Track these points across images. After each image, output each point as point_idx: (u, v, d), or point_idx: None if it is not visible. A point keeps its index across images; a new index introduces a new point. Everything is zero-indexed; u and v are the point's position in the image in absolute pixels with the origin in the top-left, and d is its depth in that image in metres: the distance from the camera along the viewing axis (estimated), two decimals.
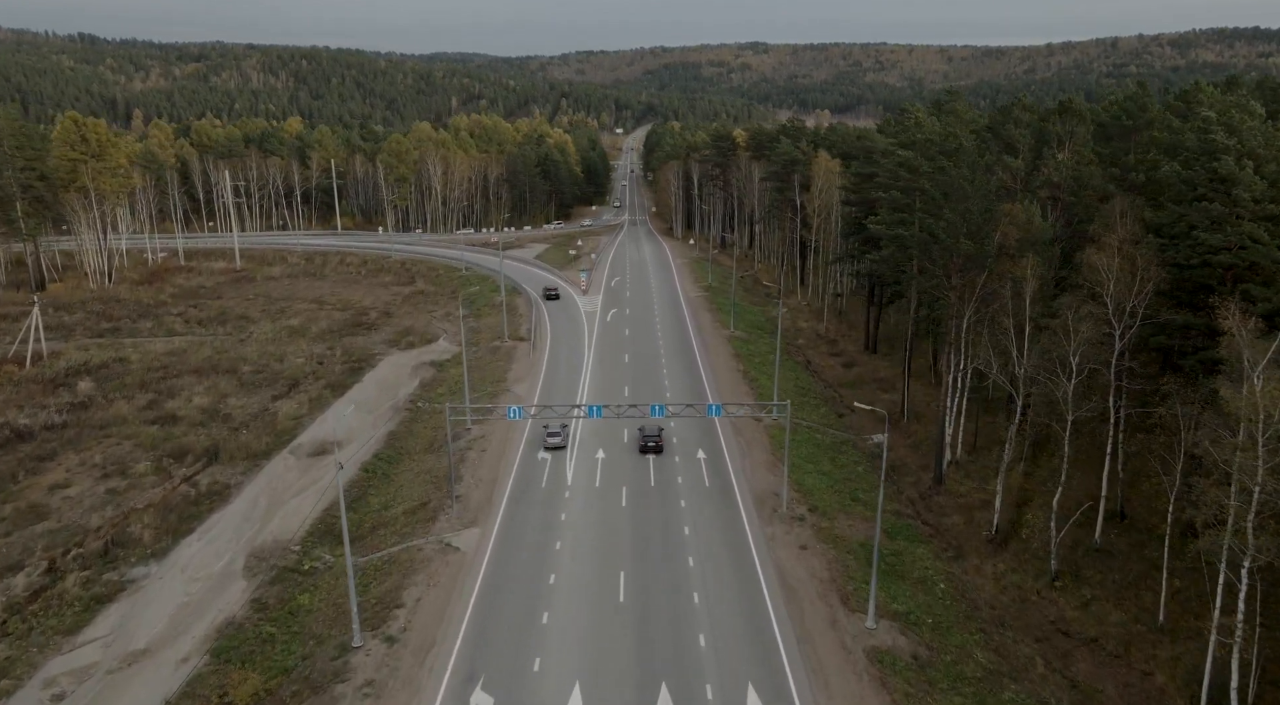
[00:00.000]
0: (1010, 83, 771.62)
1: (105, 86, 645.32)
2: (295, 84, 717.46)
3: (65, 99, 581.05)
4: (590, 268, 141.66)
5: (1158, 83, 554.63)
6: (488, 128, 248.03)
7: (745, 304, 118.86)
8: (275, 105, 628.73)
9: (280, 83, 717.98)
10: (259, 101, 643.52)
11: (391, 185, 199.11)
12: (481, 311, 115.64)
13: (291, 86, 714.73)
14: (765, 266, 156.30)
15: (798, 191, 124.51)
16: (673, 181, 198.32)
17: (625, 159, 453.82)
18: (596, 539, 49.61)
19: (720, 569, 46.29)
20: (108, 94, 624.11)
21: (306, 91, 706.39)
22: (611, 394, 76.48)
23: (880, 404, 79.80)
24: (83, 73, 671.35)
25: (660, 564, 46.72)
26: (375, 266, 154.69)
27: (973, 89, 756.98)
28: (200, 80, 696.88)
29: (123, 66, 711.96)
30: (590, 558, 47.48)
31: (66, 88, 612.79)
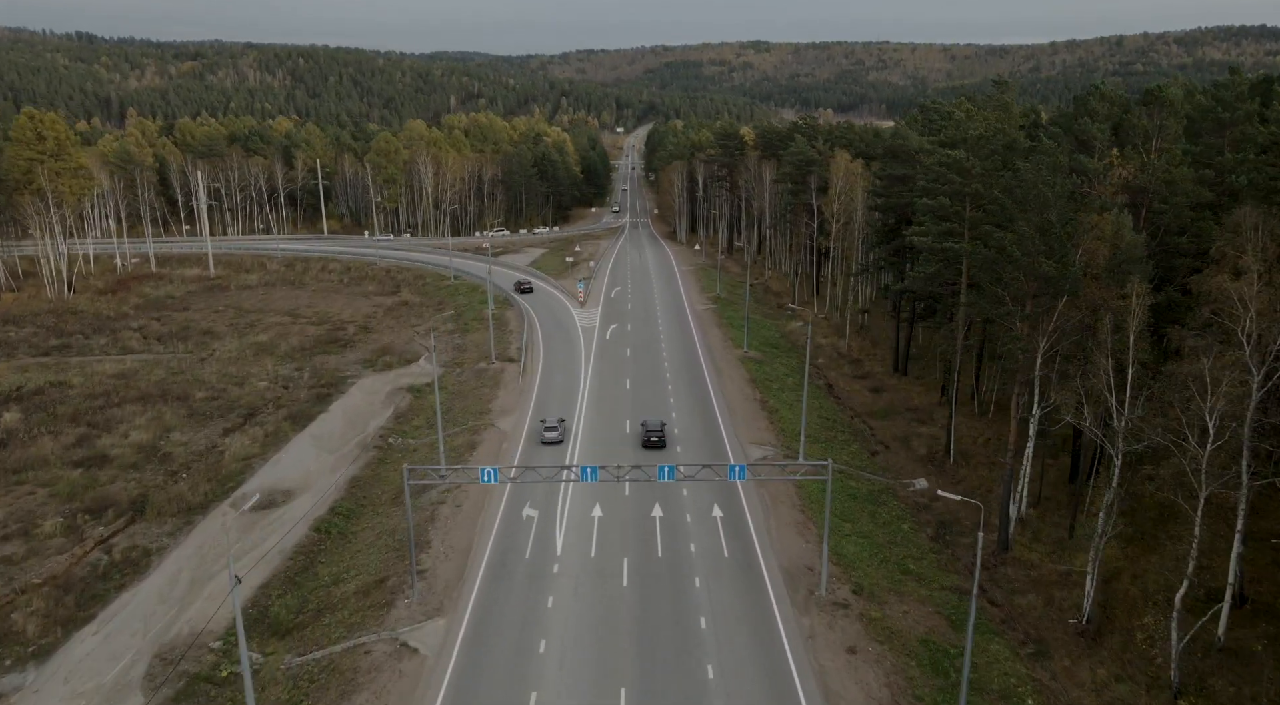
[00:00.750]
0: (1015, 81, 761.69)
1: (99, 85, 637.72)
2: (292, 82, 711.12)
3: (58, 97, 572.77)
4: (589, 277, 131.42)
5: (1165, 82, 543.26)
6: (483, 126, 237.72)
7: (757, 317, 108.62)
8: (271, 104, 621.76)
9: (277, 81, 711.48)
10: (255, 100, 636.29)
11: (380, 186, 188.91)
12: (469, 326, 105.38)
13: (288, 85, 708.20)
14: (776, 274, 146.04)
15: (814, 194, 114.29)
16: (676, 182, 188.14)
17: (626, 159, 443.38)
18: (592, 639, 39.37)
19: (747, 685, 36.08)
20: (101, 92, 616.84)
21: (303, 90, 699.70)
22: (611, 430, 66.30)
23: (919, 440, 69.75)
24: (77, 71, 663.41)
25: (671, 677, 36.53)
26: (358, 274, 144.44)
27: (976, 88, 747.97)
28: (196, 79, 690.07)
29: (118, 65, 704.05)
30: (583, 668, 37.27)
31: (60, 86, 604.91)
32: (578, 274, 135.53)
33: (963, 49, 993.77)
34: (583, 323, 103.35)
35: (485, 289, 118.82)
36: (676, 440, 63.99)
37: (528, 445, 63.55)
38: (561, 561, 46.52)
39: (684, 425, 67.20)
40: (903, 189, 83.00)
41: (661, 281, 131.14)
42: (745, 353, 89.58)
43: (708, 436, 65.03)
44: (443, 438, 60.52)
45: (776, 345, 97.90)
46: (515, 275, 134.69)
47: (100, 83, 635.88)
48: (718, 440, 64.28)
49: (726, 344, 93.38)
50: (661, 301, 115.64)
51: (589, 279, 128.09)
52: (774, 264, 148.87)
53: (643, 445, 62.55)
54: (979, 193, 58.22)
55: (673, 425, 66.97)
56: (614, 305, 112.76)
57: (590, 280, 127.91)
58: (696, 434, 65.52)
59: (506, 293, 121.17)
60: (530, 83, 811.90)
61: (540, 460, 60.05)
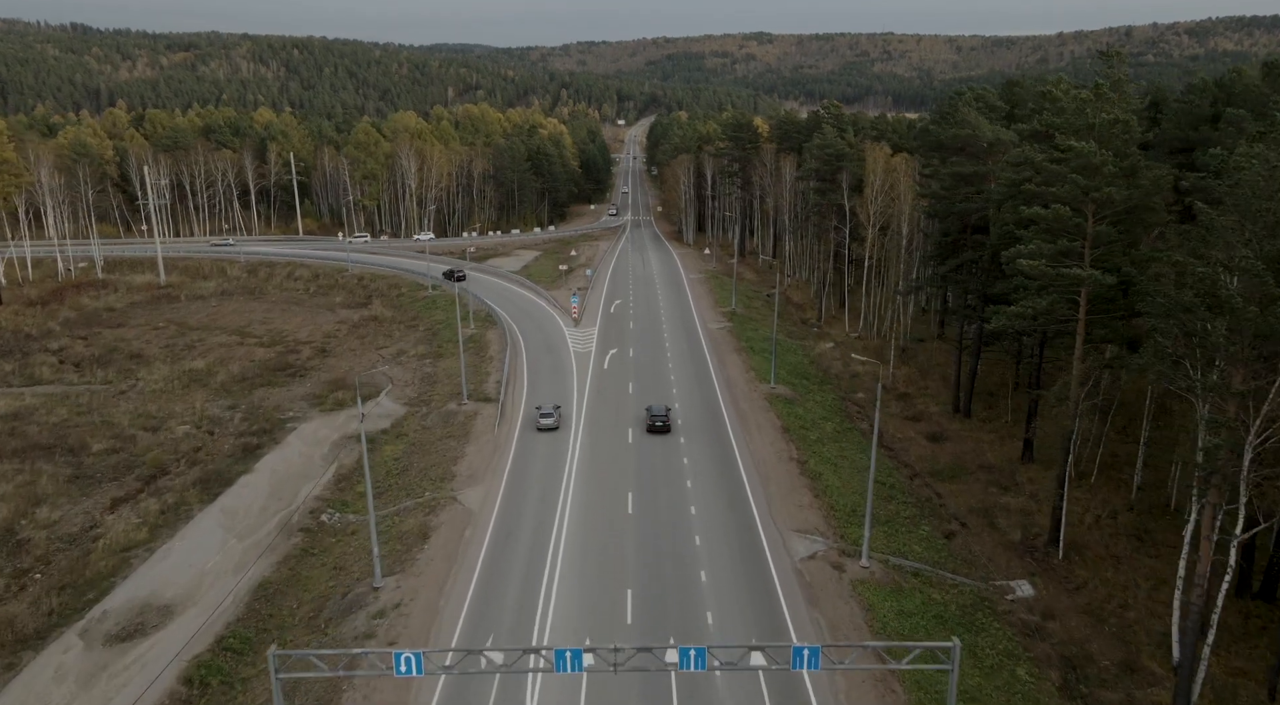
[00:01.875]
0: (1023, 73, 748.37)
1: (89, 76, 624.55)
2: (286, 74, 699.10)
3: (46, 89, 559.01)
4: (585, 287, 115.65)
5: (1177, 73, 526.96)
6: (474, 117, 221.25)
7: (780, 337, 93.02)
8: (265, 96, 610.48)
9: (271, 72, 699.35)
10: (247, 92, 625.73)
11: (358, 183, 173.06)
12: (445, 349, 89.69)
13: (282, 76, 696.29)
14: (796, 282, 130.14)
15: (845, 194, 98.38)
16: (682, 178, 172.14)
17: (628, 152, 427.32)
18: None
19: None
20: (91, 84, 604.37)
21: (298, 82, 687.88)
22: (606, 510, 50.66)
23: (1007, 516, 54.07)
24: (66, 62, 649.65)
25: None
26: (328, 282, 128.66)
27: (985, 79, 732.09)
28: (188, 70, 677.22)
29: (109, 55, 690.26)
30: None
31: (48, 77, 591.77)
32: (573, 283, 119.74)
33: (968, 40, 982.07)
34: (577, 346, 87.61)
35: (467, 302, 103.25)
36: (694, 526, 48.33)
37: (497, 540, 47.77)
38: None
39: (704, 505, 51.43)
40: (969, 191, 67.18)
41: (668, 293, 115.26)
42: (772, 389, 73.82)
43: (735, 524, 49.27)
44: (377, 537, 44.63)
45: (806, 375, 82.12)
46: (510, 291, 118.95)
47: (90, 74, 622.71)
48: (748, 530, 48.53)
49: (749, 377, 77.57)
50: (669, 318, 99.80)
51: (585, 290, 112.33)
52: (794, 271, 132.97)
53: (647, 430, 63.01)
54: (1109, 199, 42.42)
55: (686, 499, 51.37)
56: (614, 323, 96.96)
57: (587, 292, 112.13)
58: (719, 518, 49.79)
59: (490, 308, 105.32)
60: (530, 74, 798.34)
61: (528, 498, 44.38)
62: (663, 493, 52.84)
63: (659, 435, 62.51)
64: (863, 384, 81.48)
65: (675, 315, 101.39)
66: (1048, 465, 60.12)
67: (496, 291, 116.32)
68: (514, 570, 44.28)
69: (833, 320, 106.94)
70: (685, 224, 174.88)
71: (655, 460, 58.01)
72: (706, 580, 42.73)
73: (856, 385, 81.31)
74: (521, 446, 61.22)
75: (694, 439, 61.95)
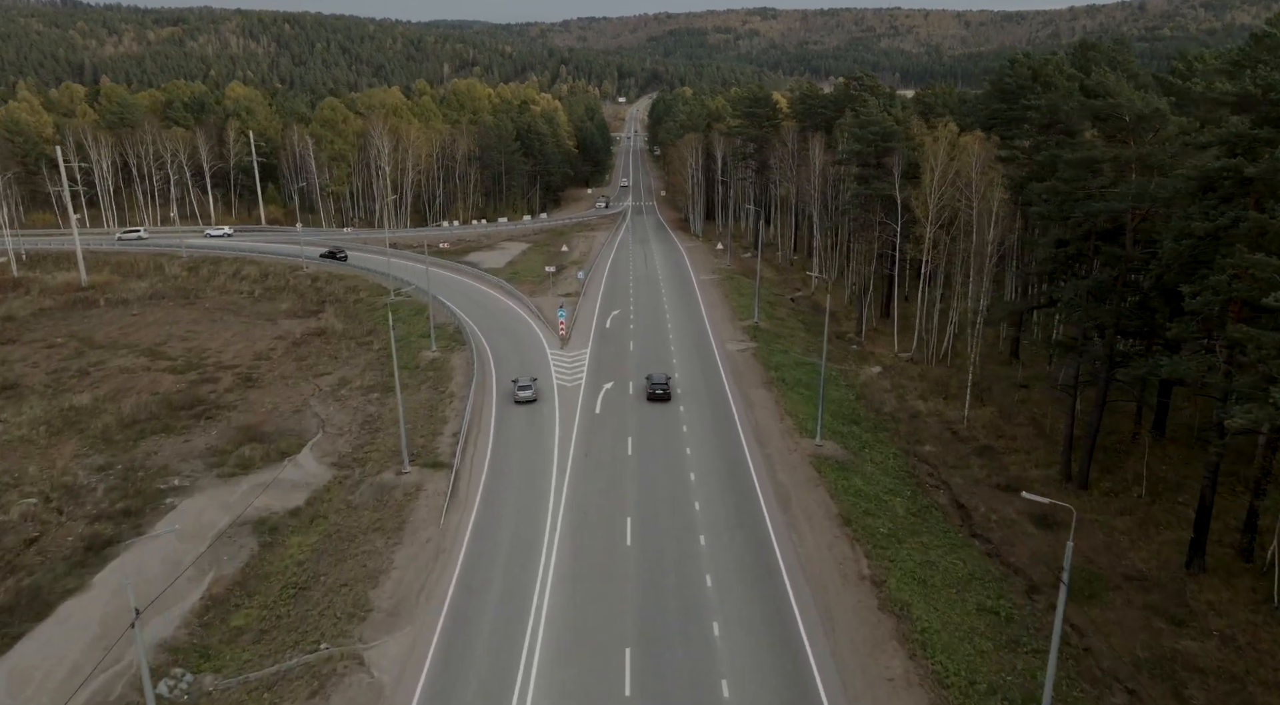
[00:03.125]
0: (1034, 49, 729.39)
1: (73, 51, 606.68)
2: (277, 49, 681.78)
3: (28, 64, 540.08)
4: (577, 292, 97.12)
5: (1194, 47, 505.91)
6: (460, 93, 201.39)
7: (814, 360, 74.87)
8: (254, 72, 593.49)
9: (261, 48, 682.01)
10: (236, 67, 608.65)
11: (325, 166, 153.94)
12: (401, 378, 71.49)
13: (273, 52, 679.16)
14: (826, 284, 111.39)
15: (897, 183, 79.57)
16: (689, 160, 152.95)
17: (629, 130, 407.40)
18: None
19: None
20: (75, 59, 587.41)
21: (289, 57, 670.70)
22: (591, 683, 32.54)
23: (1203, 684, 35.87)
24: (50, 37, 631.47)
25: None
26: (277, 283, 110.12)
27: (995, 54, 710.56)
28: (175, 45, 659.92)
29: (94, 30, 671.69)
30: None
31: (30, 52, 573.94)
32: (562, 286, 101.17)
33: (977, 15, 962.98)
34: (562, 376, 69.19)
35: (438, 310, 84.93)
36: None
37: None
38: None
39: (738, 666, 33.23)
40: (1098, 185, 48.47)
41: (676, 300, 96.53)
42: (818, 446, 55.43)
43: (793, 684, 31.21)
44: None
45: (855, 417, 63.69)
46: (485, 296, 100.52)
47: (74, 49, 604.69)
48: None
49: (785, 426, 59.09)
50: (678, 336, 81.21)
51: (576, 298, 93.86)
52: (823, 270, 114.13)
53: (647, 398, 62.30)
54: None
55: (717, 682, 33.17)
56: (610, 344, 78.43)
57: (578, 300, 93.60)
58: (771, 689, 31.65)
59: (460, 320, 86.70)
60: (528, 51, 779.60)
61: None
62: (671, 648, 34.66)
63: (669, 536, 44.22)
64: (929, 429, 63.13)
65: (685, 331, 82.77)
66: (1231, 578, 42.01)
67: (471, 298, 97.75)
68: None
69: (875, 335, 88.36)
70: (692, 212, 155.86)
71: (658, 584, 39.69)
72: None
73: (921, 431, 62.90)
74: (474, 551, 42.95)
75: (720, 541, 43.61)
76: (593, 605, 37.81)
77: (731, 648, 34.78)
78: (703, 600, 38.09)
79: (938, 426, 64.21)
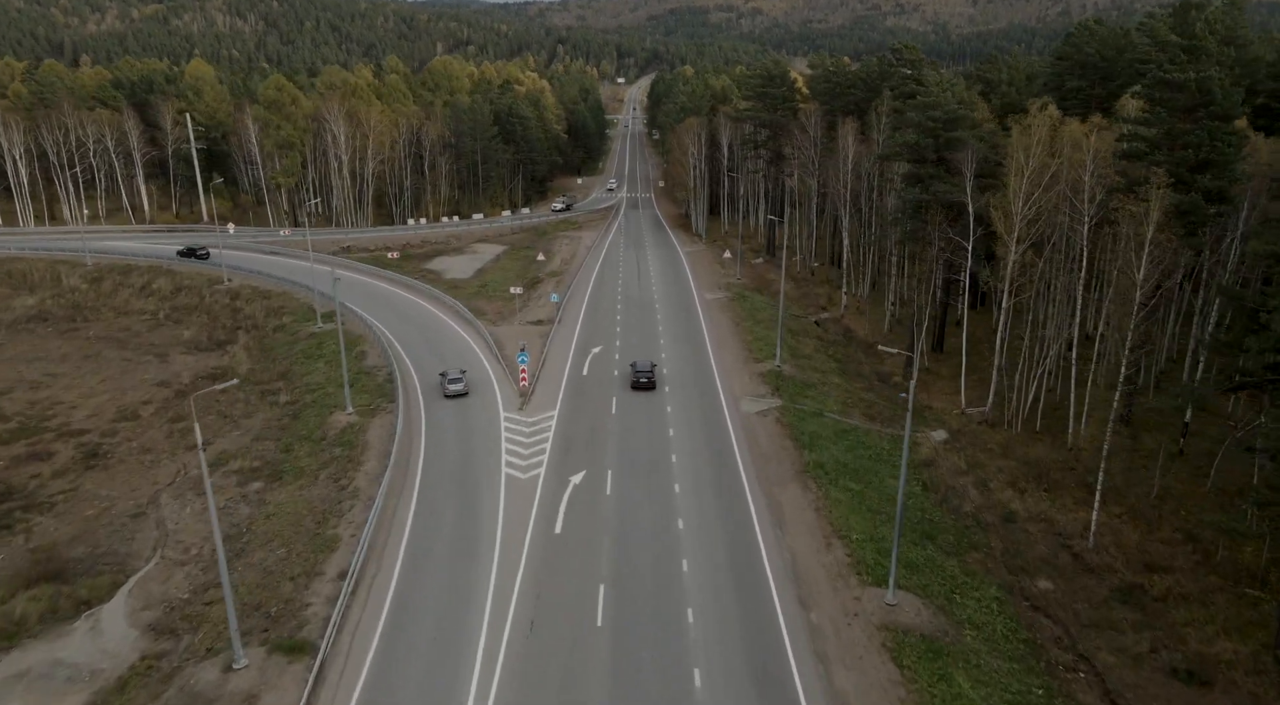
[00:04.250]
0: (1045, 26, 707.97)
1: (53, 29, 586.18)
2: (265, 28, 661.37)
3: (5, 43, 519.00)
4: (552, 319, 77.38)
5: None
6: (434, 71, 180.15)
7: (850, 418, 55.32)
8: (240, 51, 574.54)
9: (248, 26, 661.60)
10: (222, 46, 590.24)
11: (272, 154, 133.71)
12: (298, 454, 52.22)
13: (260, 30, 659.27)
14: (856, 302, 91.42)
15: (969, 186, 59.64)
16: (691, 148, 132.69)
17: (627, 113, 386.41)
18: None
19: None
20: (55, 38, 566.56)
21: (276, 36, 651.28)
22: None
23: None
24: (29, 14, 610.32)
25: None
26: (189, 300, 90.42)
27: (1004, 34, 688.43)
28: (159, 23, 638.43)
29: (76, 7, 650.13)
30: None
31: (8, 30, 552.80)
32: (532, 311, 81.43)
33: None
34: (514, 460, 49.62)
35: (373, 344, 65.55)
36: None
37: None
38: None
39: None
40: None
41: (675, 330, 76.59)
42: (890, 608, 35.97)
43: None
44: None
45: (929, 527, 44.15)
46: (420, 308, 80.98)
47: (55, 27, 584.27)
48: None
49: (836, 565, 39.43)
50: (679, 390, 61.47)
51: (547, 329, 74.11)
52: (854, 286, 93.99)
53: (632, 387, 59.31)
54: None
55: None
56: (586, 403, 58.74)
57: (551, 332, 73.84)
58: None
59: (395, 362, 66.83)
60: (525, 29, 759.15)
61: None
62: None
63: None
64: (1036, 547, 43.70)
65: (688, 381, 63.02)
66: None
67: (417, 325, 78.08)
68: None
69: (930, 379, 68.73)
70: (694, 208, 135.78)
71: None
72: None
73: (1025, 549, 43.42)
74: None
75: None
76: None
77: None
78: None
79: (1048, 541, 44.78)
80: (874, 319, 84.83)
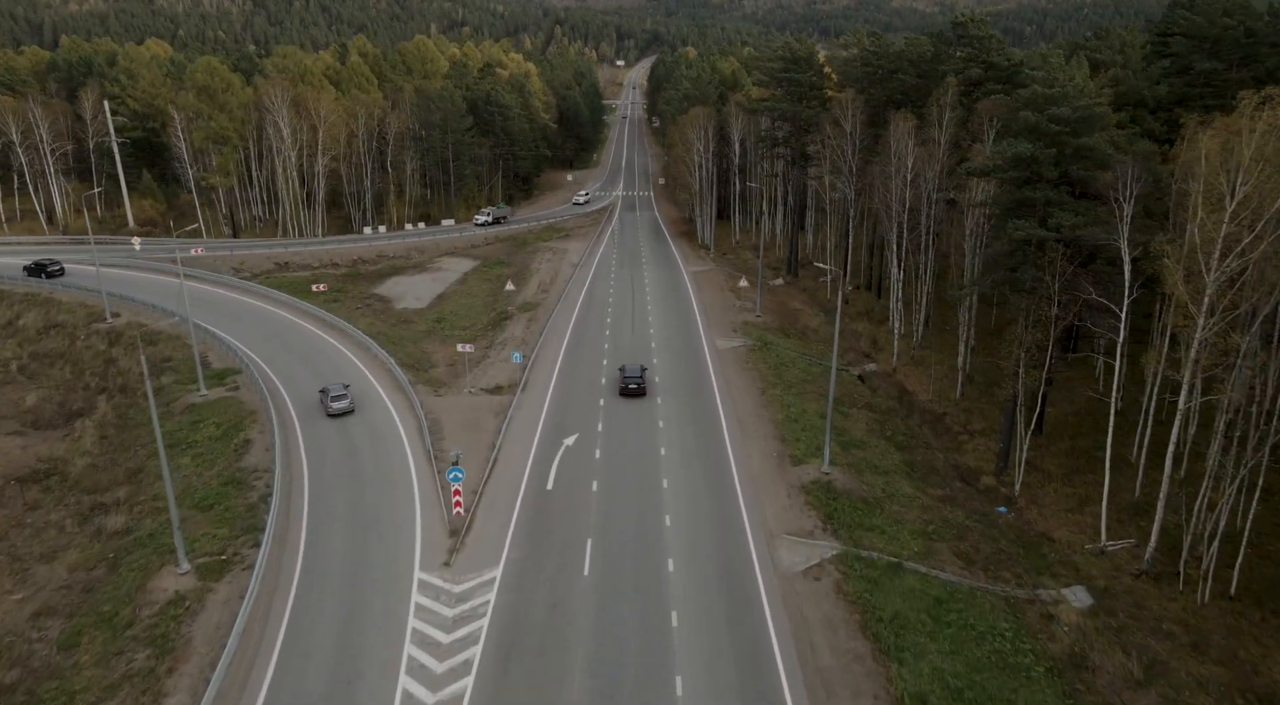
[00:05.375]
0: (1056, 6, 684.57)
1: (33, 9, 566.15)
2: (252, 8, 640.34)
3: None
4: (511, 389, 57.54)
5: None
6: (406, 54, 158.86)
7: (943, 570, 35.78)
8: (226, 32, 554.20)
9: (235, 6, 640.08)
10: (207, 26, 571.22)
11: (203, 148, 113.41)
12: (82, 650, 32.79)
13: (248, 10, 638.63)
14: (911, 350, 71.22)
15: (1125, 224, 39.65)
16: (695, 144, 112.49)
17: (626, 97, 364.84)
18: None
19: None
20: (35, 18, 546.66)
21: (264, 16, 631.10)
22: None
23: None
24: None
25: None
26: (57, 344, 70.36)
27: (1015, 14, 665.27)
28: (143, 3, 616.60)
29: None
30: None
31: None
32: (488, 369, 61.61)
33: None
34: (419, 682, 30.13)
35: (268, 421, 46.11)
36: None
37: None
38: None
39: None
40: None
41: (680, 404, 56.63)
42: None
43: None
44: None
45: None
46: (339, 357, 61.23)
47: (34, 7, 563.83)
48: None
49: None
50: (681, 525, 41.87)
51: (508, 399, 54.29)
52: (906, 327, 73.52)
53: (620, 393, 54.54)
54: None
55: None
56: (548, 544, 39.15)
57: (513, 401, 54.02)
58: None
59: (279, 466, 47.16)
60: (521, 10, 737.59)
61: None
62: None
63: None
64: None
65: (701, 511, 43.31)
66: None
67: (335, 382, 58.32)
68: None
69: (1037, 484, 48.90)
70: (700, 214, 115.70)
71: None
72: None
73: None
74: None
75: None
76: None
77: None
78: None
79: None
80: (938, 373, 64.94)
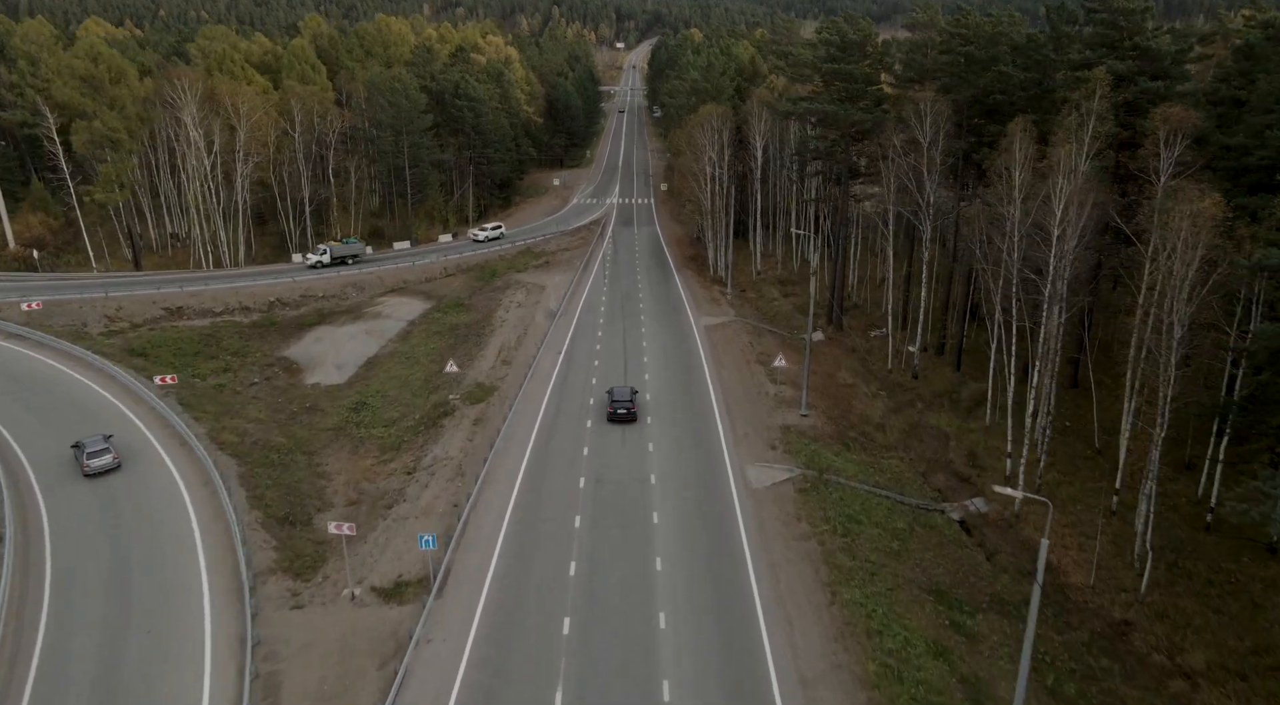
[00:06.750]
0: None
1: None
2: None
3: None
4: (423, 595, 34.87)
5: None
6: (367, 36, 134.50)
7: None
8: (210, 11, 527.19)
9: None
10: (190, 6, 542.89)
11: (91, 153, 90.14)
12: None
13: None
14: (1054, 486, 48.34)
15: None
16: (707, 151, 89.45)
17: (625, 83, 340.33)
18: None
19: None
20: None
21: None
22: None
23: None
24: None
25: None
26: None
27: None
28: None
29: None
30: None
31: None
32: (394, 529, 38.96)
33: None
34: None
35: None
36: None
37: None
38: None
39: None
40: None
41: (693, 630, 34.17)
42: None
43: None
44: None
45: None
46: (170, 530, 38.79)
47: None
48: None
49: None
50: None
51: (413, 625, 31.60)
52: (1034, 435, 50.19)
53: (608, 420, 49.29)
54: None
55: None
56: None
57: (415, 642, 31.37)
58: None
59: None
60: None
61: None
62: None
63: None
64: None
65: None
66: None
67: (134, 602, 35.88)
68: None
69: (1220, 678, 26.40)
70: (714, 239, 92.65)
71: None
72: None
73: None
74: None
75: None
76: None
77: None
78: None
79: None
80: (1086, 523, 42.02)
